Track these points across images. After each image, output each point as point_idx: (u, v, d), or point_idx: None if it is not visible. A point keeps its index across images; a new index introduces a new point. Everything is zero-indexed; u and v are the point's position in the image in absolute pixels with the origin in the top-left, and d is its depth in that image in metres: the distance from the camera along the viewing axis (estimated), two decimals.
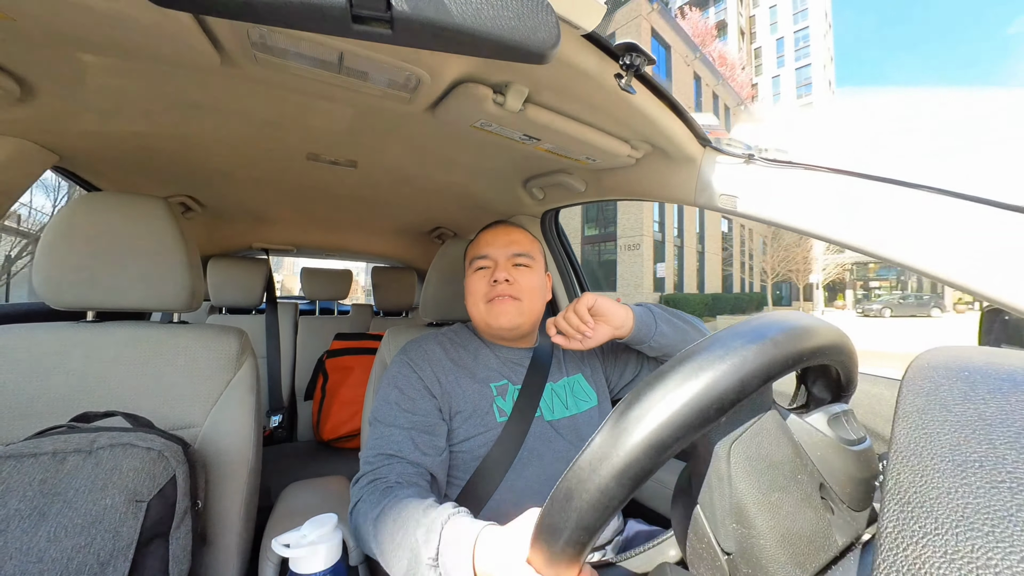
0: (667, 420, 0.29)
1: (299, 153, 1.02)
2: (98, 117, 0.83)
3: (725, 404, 0.29)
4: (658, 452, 0.29)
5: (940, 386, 0.24)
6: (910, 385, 0.25)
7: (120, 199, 0.80)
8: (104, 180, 1.15)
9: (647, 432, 0.29)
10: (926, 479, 0.20)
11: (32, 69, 0.67)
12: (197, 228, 1.66)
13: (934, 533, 0.18)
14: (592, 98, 0.71)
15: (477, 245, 0.86)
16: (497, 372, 0.82)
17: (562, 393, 0.84)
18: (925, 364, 0.26)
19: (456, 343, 0.85)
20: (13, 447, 0.57)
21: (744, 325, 0.34)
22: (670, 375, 0.31)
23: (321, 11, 0.32)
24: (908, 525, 0.19)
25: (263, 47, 0.58)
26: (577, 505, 0.31)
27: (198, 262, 0.86)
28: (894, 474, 0.22)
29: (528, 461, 0.74)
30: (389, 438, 0.69)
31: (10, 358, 0.71)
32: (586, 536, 0.32)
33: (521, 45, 0.38)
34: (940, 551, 0.18)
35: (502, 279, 0.79)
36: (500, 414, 0.77)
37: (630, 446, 0.29)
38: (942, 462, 0.20)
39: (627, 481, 0.29)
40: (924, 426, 0.22)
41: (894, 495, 0.21)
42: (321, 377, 1.79)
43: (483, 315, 0.81)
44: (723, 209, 0.82)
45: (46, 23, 0.54)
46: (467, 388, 0.77)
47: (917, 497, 0.20)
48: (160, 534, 0.59)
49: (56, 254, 0.74)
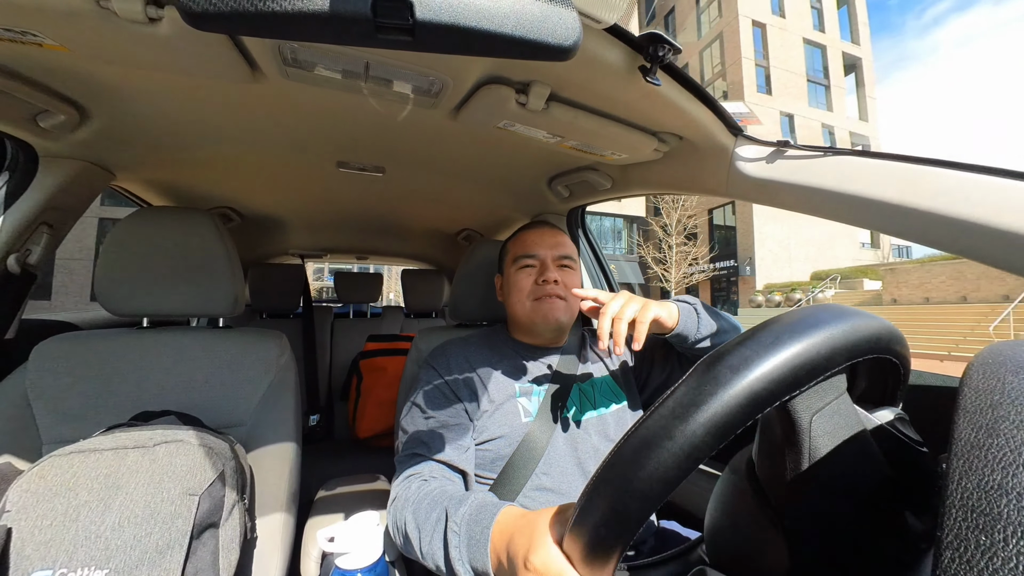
0: (766, 372, 0.28)
1: (329, 162, 1.06)
2: (148, 137, 0.88)
3: (819, 369, 0.29)
4: (753, 406, 0.28)
5: (1007, 382, 0.22)
6: (973, 381, 0.23)
7: (169, 213, 0.85)
8: (154, 196, 1.23)
9: (746, 381, 0.28)
10: (995, 485, 0.18)
11: (87, 96, 0.73)
12: (237, 237, 1.75)
13: (1002, 547, 0.17)
14: (617, 92, 0.70)
15: (522, 244, 0.86)
16: (523, 373, 0.82)
17: (590, 392, 0.83)
18: (989, 359, 0.24)
19: (481, 346, 0.86)
20: (81, 443, 0.62)
21: (829, 307, 0.34)
22: (763, 334, 0.31)
23: (347, 23, 0.33)
24: (973, 535, 0.18)
25: (293, 61, 0.61)
26: (657, 457, 0.28)
27: (240, 270, 0.90)
28: (956, 477, 0.19)
29: (555, 461, 0.74)
30: (417, 439, 0.72)
31: (77, 363, 0.77)
32: (648, 507, 0.29)
33: (542, 43, 0.37)
34: (1012, 563, 0.16)
35: (552, 279, 0.81)
36: (525, 414, 0.77)
37: (728, 393, 0.28)
38: (1013, 463, 0.18)
39: (717, 432, 0.28)
40: (991, 424, 0.20)
41: (956, 499, 0.19)
42: (355, 378, 1.84)
43: (528, 313, 0.82)
44: (757, 199, 0.79)
45: (96, 51, 0.58)
46: (492, 389, 0.78)
47: (984, 505, 0.18)
48: (211, 526, 0.62)
49: (114, 266, 0.80)
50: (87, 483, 0.57)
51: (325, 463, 1.62)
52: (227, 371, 0.84)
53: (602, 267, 1.53)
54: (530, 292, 0.82)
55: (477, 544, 0.48)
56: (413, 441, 0.72)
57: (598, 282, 1.51)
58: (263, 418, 0.84)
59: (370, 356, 1.85)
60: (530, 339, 0.87)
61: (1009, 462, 0.18)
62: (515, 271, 0.85)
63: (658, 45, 0.58)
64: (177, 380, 0.82)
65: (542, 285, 0.81)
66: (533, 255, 0.84)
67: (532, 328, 0.84)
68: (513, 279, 0.85)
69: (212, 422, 0.80)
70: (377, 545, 0.63)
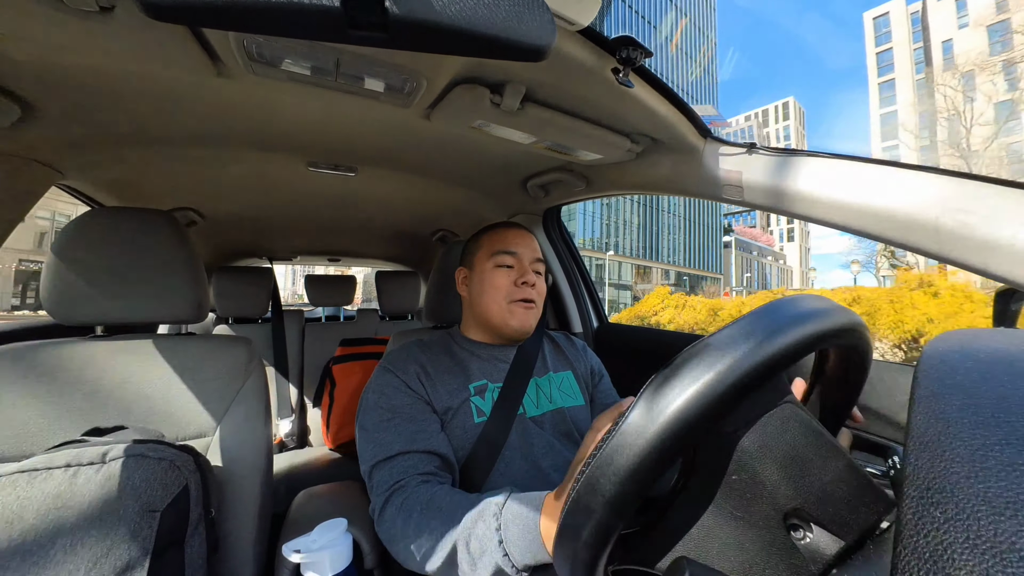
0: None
1: (299, 161, 1.03)
2: (98, 133, 0.83)
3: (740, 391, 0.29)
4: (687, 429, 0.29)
5: (956, 369, 0.23)
6: (926, 370, 0.24)
7: (124, 214, 0.81)
8: (107, 196, 1.16)
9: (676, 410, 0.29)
10: (946, 464, 0.20)
11: (30, 89, 0.68)
12: (199, 239, 1.67)
13: (956, 519, 0.18)
14: (590, 94, 0.71)
15: (502, 240, 0.83)
16: (477, 372, 0.81)
17: (546, 387, 0.83)
18: (941, 348, 0.26)
19: (433, 349, 0.83)
20: (27, 462, 0.58)
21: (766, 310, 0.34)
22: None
23: (316, 18, 0.32)
24: (929, 512, 0.19)
25: (259, 56, 0.59)
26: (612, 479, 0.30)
27: (203, 273, 0.86)
28: (913, 460, 0.21)
29: (512, 459, 0.73)
30: (381, 442, 0.68)
31: (22, 375, 0.72)
32: (616, 518, 0.31)
33: (516, 43, 0.38)
34: (963, 537, 0.17)
35: (532, 283, 0.80)
36: (478, 414, 0.75)
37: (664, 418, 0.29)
38: (962, 446, 0.20)
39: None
40: (942, 410, 0.22)
41: (913, 482, 0.20)
42: (328, 383, 1.79)
43: (502, 314, 0.80)
44: (727, 199, 0.82)
45: (38, 40, 0.54)
46: (443, 392, 0.76)
47: (937, 483, 0.19)
48: (175, 543, 0.59)
49: (63, 271, 0.74)
50: (34, 505, 0.53)
51: (298, 473, 1.57)
52: (191, 380, 0.80)
53: (579, 267, 1.55)
54: (508, 293, 0.80)
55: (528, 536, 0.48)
56: (376, 446, 0.69)
57: (575, 281, 1.53)
58: (231, 428, 0.80)
59: (343, 361, 1.80)
60: (490, 339, 0.85)
61: (957, 447, 0.20)
62: (491, 267, 0.81)
63: (630, 48, 0.60)
64: (136, 391, 0.77)
65: (522, 288, 0.79)
66: (514, 253, 0.81)
67: (501, 329, 0.81)
68: (488, 276, 0.81)
69: (175, 434, 0.76)
70: (345, 552, 0.62)
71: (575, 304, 1.52)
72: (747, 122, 74.29)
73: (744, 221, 69.39)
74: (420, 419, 0.71)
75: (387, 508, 0.62)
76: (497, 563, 0.48)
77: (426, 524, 0.56)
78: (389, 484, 0.64)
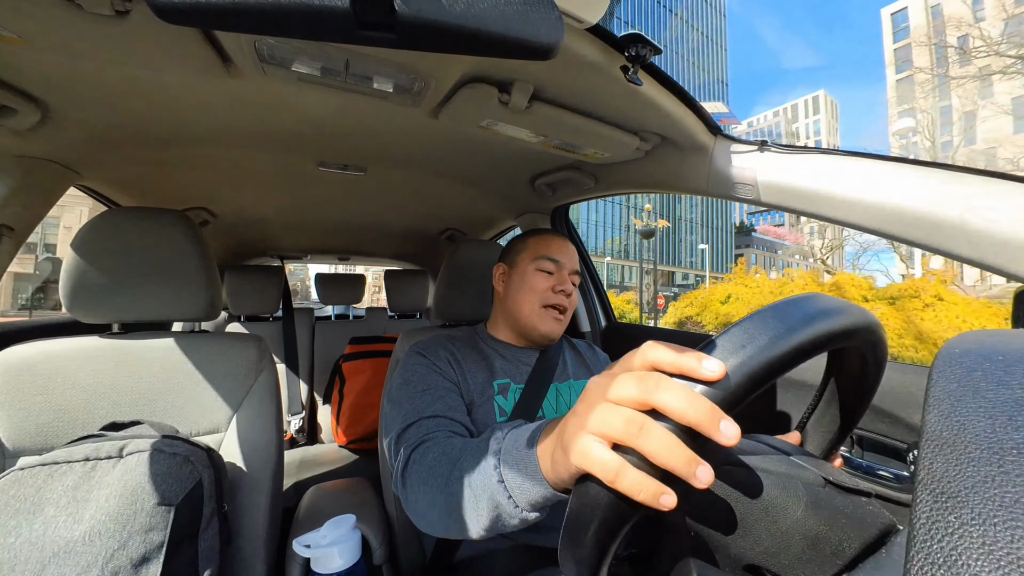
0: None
1: (309, 161, 1.04)
2: (116, 134, 0.85)
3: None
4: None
5: (973, 371, 0.23)
6: (941, 371, 0.24)
7: (140, 213, 0.82)
8: (123, 195, 1.18)
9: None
10: (961, 468, 0.19)
11: (48, 91, 0.69)
12: (212, 238, 1.70)
13: (971, 524, 0.18)
14: (599, 92, 0.70)
15: (547, 245, 0.85)
16: (501, 370, 0.82)
17: (567, 394, 0.83)
18: (956, 349, 0.25)
19: (462, 343, 0.85)
20: (47, 455, 0.59)
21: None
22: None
23: (326, 20, 0.33)
24: (943, 516, 0.19)
25: (270, 58, 0.59)
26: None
27: (216, 272, 0.88)
28: (926, 464, 0.21)
29: None
30: (414, 408, 0.67)
31: (41, 372, 0.74)
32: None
33: (524, 42, 0.37)
34: (977, 542, 0.17)
35: (568, 291, 0.81)
36: (500, 413, 0.76)
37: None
38: (977, 450, 0.19)
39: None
40: (957, 413, 0.21)
41: (927, 485, 0.20)
42: (338, 381, 1.81)
43: (534, 316, 0.82)
44: (737, 197, 0.81)
45: (58, 45, 0.55)
46: (471, 382, 0.77)
47: (952, 487, 0.19)
48: (189, 536, 0.60)
49: (81, 269, 0.76)
50: (54, 497, 0.55)
51: (309, 469, 1.59)
52: (204, 376, 0.82)
53: (587, 265, 1.54)
54: (543, 297, 0.82)
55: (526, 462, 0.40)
56: (405, 412, 0.67)
57: (584, 281, 1.52)
58: (243, 424, 0.82)
59: (352, 359, 1.82)
60: (515, 340, 0.87)
61: (973, 450, 0.19)
62: (533, 270, 0.83)
63: (639, 45, 0.59)
64: (151, 387, 0.79)
65: (558, 295, 0.81)
66: (557, 261, 0.83)
67: (528, 331, 0.83)
68: (528, 277, 0.83)
69: (189, 429, 0.78)
70: (354, 548, 0.62)
71: (583, 303, 1.51)
72: (775, 118, 68.76)
73: (770, 220, 66.39)
74: (451, 398, 0.71)
75: (413, 456, 0.57)
76: (498, 501, 0.42)
77: (440, 467, 0.51)
78: (419, 437, 0.61)
